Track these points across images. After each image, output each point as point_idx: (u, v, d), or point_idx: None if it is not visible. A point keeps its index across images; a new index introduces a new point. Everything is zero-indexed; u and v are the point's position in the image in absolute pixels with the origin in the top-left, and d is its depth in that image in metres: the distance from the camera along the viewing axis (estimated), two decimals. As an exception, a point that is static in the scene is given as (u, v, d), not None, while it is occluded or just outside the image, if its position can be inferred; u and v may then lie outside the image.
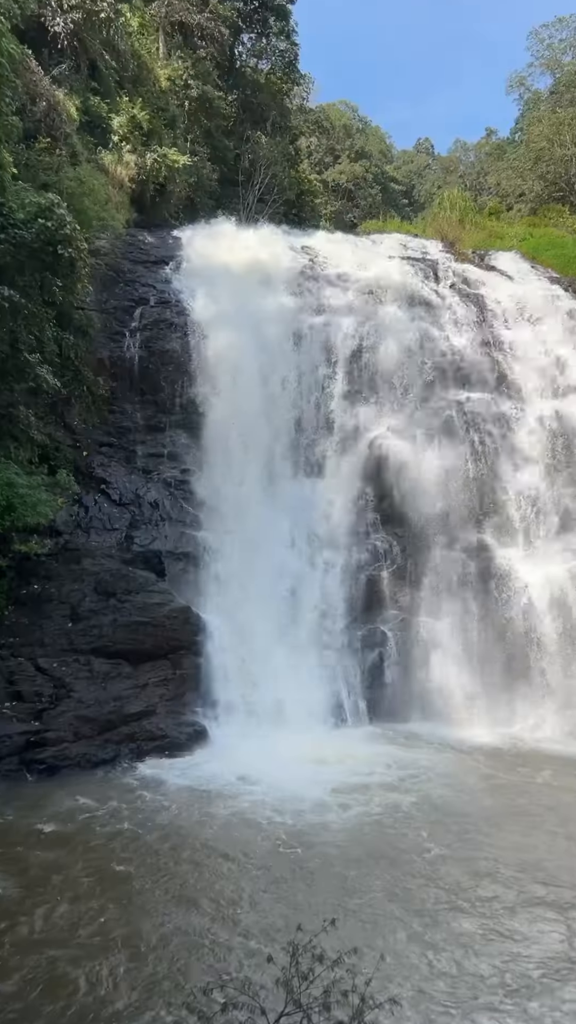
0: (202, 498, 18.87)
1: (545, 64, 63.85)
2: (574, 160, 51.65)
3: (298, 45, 39.70)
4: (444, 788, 13.54)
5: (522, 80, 65.72)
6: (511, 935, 8.98)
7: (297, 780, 13.44)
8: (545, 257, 28.06)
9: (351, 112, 70.34)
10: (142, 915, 9.21)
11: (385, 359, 21.42)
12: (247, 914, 9.26)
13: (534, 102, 64.44)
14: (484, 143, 76.76)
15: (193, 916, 9.20)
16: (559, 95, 60.64)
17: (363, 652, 18.19)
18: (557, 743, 16.38)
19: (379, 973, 6.39)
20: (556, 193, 51.67)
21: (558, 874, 10.49)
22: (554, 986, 8.00)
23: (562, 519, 19.83)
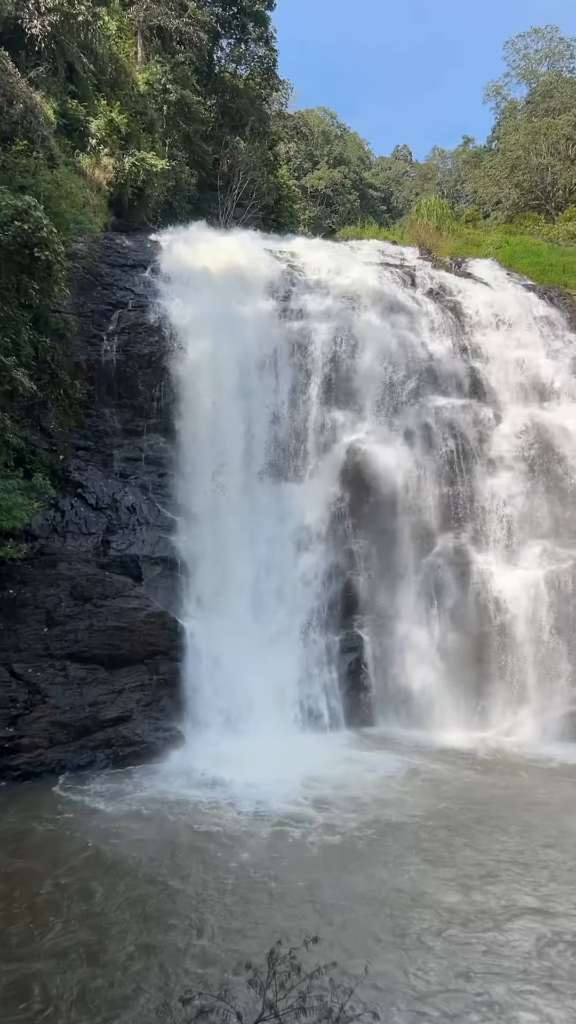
0: (180, 502, 18.82)
1: (521, 74, 64.64)
2: (549, 169, 52.29)
3: (277, 51, 39.83)
4: (420, 794, 13.59)
5: (498, 89, 66.46)
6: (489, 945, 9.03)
7: (273, 786, 13.45)
8: (521, 264, 28.36)
9: (330, 118, 70.70)
10: (109, 928, 9.10)
11: (363, 365, 21.50)
12: (221, 926, 9.19)
13: (510, 111, 65.19)
14: (461, 151, 77.50)
15: (165, 928, 9.12)
16: (535, 105, 61.40)
17: (340, 657, 18.24)
18: (531, 747, 16.52)
19: (360, 984, 6.41)
20: (532, 201, 52.28)
21: (519, 879, 10.57)
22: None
23: (538, 524, 20.01)
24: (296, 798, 13.01)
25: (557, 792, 13.91)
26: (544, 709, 17.53)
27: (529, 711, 17.63)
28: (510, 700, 17.89)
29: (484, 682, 18.14)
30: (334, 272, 23.78)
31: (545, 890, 10.24)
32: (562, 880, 10.49)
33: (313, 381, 21.15)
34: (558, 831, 12.10)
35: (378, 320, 22.49)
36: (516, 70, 64.93)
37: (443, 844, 11.60)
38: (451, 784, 14.16)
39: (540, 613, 18.45)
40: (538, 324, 23.87)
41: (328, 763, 14.85)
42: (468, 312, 23.87)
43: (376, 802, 13.05)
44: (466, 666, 18.27)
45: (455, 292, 24.73)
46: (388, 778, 14.25)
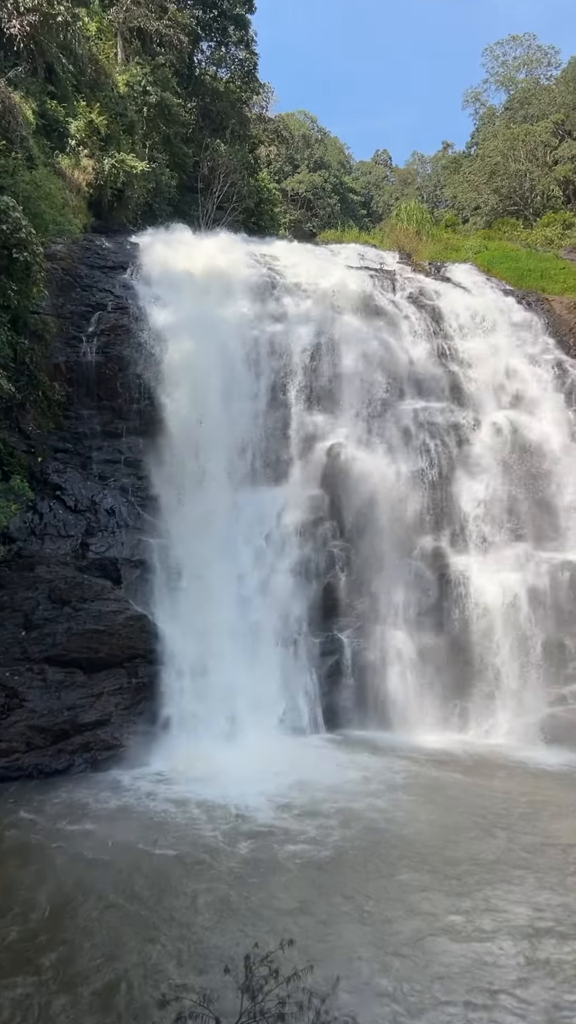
0: (159, 505, 18.75)
1: (499, 81, 65.35)
2: (527, 175, 52.77)
3: (257, 55, 39.89)
4: (400, 798, 13.60)
5: (477, 96, 67.13)
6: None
7: (252, 789, 13.42)
8: (499, 270, 28.59)
9: (310, 122, 70.92)
10: (85, 936, 9.00)
11: (343, 368, 21.57)
12: (197, 935, 9.12)
13: (489, 117, 65.82)
14: (441, 156, 78.10)
15: (143, 936, 9.05)
16: (513, 111, 62.03)
17: (320, 659, 18.24)
18: (509, 749, 16.61)
19: (337, 986, 6.41)
20: (511, 207, 52.74)
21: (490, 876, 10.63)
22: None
23: (516, 527, 20.17)
24: (275, 805, 12.96)
25: (536, 795, 13.99)
26: (521, 711, 17.65)
27: (507, 713, 17.74)
28: (488, 702, 17.99)
29: (463, 684, 18.23)
30: (315, 276, 23.84)
31: (522, 893, 10.30)
32: (546, 885, 10.54)
33: (293, 384, 21.18)
34: (542, 835, 12.15)
35: (358, 324, 22.58)
36: (495, 77, 65.67)
37: (424, 848, 11.61)
38: (430, 787, 14.18)
39: (517, 615, 18.58)
40: (516, 329, 24.07)
41: (308, 767, 14.83)
42: (447, 316, 24.02)
43: (355, 806, 13.03)
44: (445, 668, 18.36)
45: (434, 296, 24.88)
46: (367, 781, 14.26)
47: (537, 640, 18.38)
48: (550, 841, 11.95)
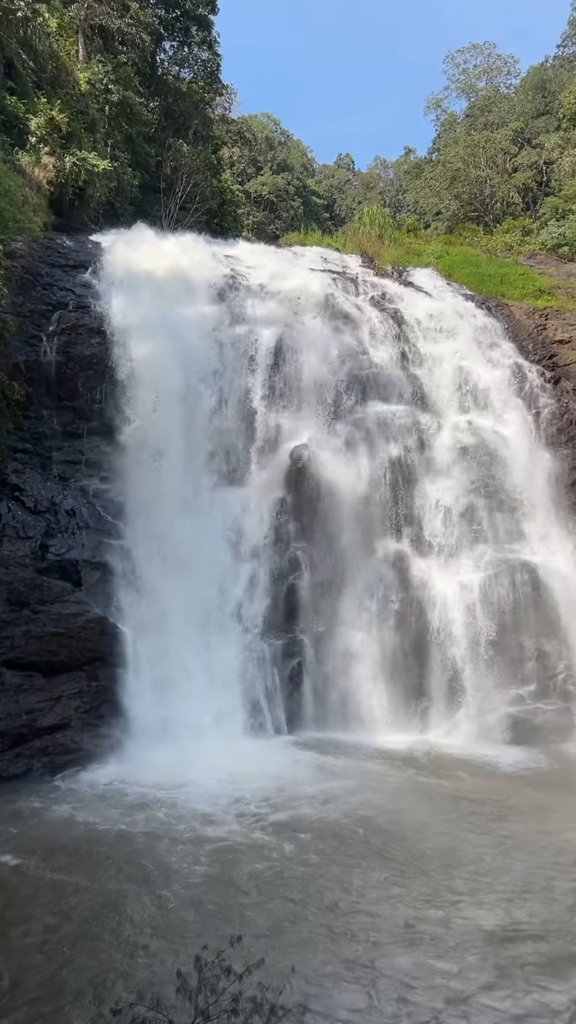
0: (121, 506, 18.59)
1: (460, 88, 66.24)
2: (488, 182, 53.50)
3: (220, 56, 39.86)
4: (362, 799, 13.61)
5: (439, 102, 68.00)
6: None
7: (209, 793, 13.34)
8: (460, 274, 28.93)
9: (273, 124, 71.06)
10: (32, 949, 8.83)
11: (306, 370, 21.63)
12: (152, 940, 9.01)
13: (450, 124, 66.65)
14: (403, 161, 78.87)
15: (95, 942, 8.93)
16: (474, 118, 62.92)
17: (282, 661, 18.24)
18: (468, 748, 16.78)
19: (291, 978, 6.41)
20: (471, 213, 53.44)
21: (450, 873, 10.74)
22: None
23: (476, 529, 20.40)
24: (233, 809, 12.87)
25: (496, 793, 14.14)
26: (481, 711, 17.84)
27: (466, 713, 17.92)
28: (449, 702, 18.16)
29: (424, 685, 18.38)
30: (278, 278, 23.88)
31: (485, 891, 10.40)
32: (506, 882, 10.66)
33: (256, 385, 21.17)
34: (502, 834, 12.28)
35: (321, 326, 22.66)
36: (456, 84, 66.57)
37: (385, 847, 11.67)
38: (390, 787, 14.25)
39: (477, 617, 18.79)
40: (477, 333, 24.36)
41: (268, 769, 14.79)
42: (409, 320, 24.22)
43: (315, 808, 13.00)
44: (406, 669, 18.48)
45: (397, 300, 25.08)
46: (328, 783, 14.26)
47: (496, 640, 18.59)
48: (511, 839, 12.09)
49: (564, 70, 57.03)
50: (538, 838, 12.12)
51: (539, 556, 19.90)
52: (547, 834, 12.25)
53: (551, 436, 21.98)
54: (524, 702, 18.03)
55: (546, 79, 60.64)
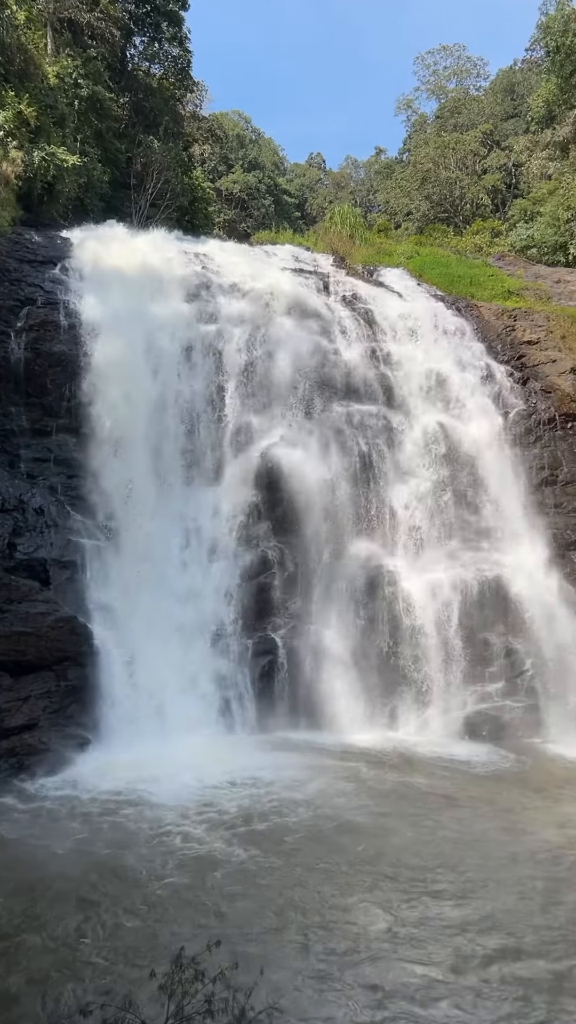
0: (90, 505, 18.47)
1: (431, 89, 66.66)
2: (458, 183, 53.90)
3: (191, 52, 39.64)
4: (328, 797, 13.64)
5: (409, 103, 68.36)
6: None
7: (181, 795, 13.28)
8: (431, 275, 29.11)
9: (244, 122, 70.91)
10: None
11: (277, 369, 21.63)
12: (125, 946, 8.96)
13: (420, 125, 67.06)
14: (374, 161, 79.16)
15: (62, 946, 8.85)
16: (444, 120, 63.35)
17: (253, 660, 18.24)
18: (436, 746, 16.91)
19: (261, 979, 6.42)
20: (441, 214, 53.82)
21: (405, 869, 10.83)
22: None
23: (445, 528, 20.57)
24: (201, 810, 12.83)
25: (463, 790, 14.28)
26: (449, 709, 18.01)
27: (435, 711, 18.07)
28: (418, 700, 18.30)
29: (393, 683, 18.49)
30: (249, 276, 23.83)
31: (452, 887, 10.51)
32: (472, 879, 10.77)
33: (228, 384, 21.13)
34: (468, 830, 12.39)
35: (292, 325, 22.67)
36: (426, 85, 66.97)
37: (355, 846, 11.73)
38: (360, 786, 14.25)
39: (445, 615, 18.95)
40: (447, 334, 24.55)
41: (238, 768, 14.78)
42: (380, 320, 24.33)
43: (285, 807, 13.02)
44: (376, 668, 18.58)
45: (368, 300, 25.17)
46: (298, 782, 14.27)
47: (464, 639, 18.77)
48: (480, 837, 12.22)
49: (532, 73, 57.59)
50: (508, 836, 12.26)
51: (507, 555, 20.12)
52: (516, 831, 12.40)
53: (519, 436, 22.23)
54: (492, 699, 18.23)
55: (515, 82, 61.26)
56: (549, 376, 23.64)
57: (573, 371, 23.84)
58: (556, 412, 22.58)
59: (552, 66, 45.47)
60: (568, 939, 9.11)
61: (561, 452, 22.14)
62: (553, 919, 9.57)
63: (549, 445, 22.24)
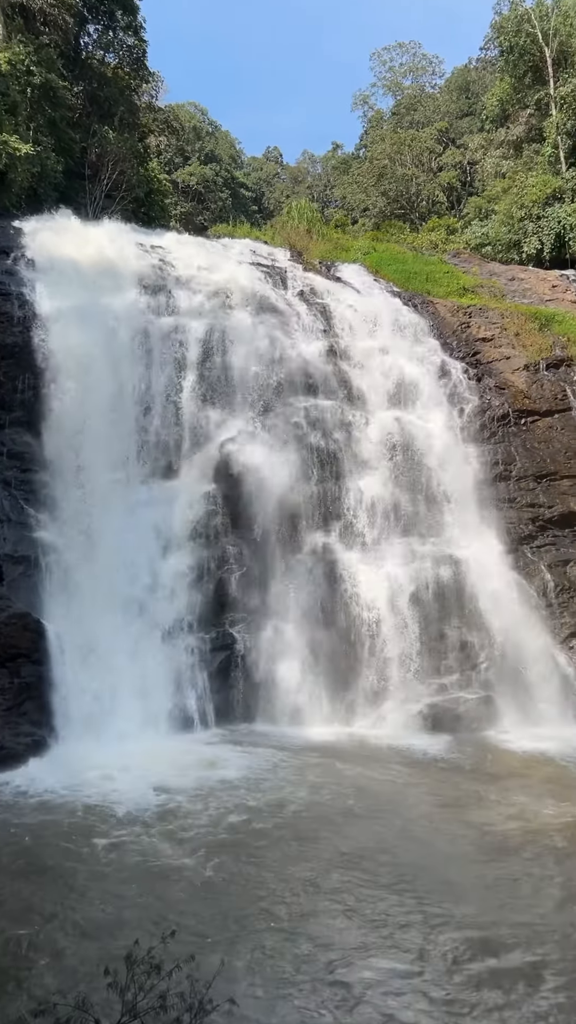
0: (45, 499, 18.20)
1: (387, 85, 66.97)
2: (414, 180, 54.29)
3: (146, 42, 39.10)
4: (283, 791, 13.70)
5: (366, 99, 68.62)
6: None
7: (137, 792, 13.19)
8: (387, 271, 29.25)
9: (200, 115, 70.35)
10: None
11: (235, 363, 21.55)
12: (74, 947, 8.86)
13: (377, 121, 67.35)
14: (331, 156, 79.28)
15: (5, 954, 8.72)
16: (400, 116, 63.73)
17: (211, 655, 18.21)
18: (393, 739, 17.08)
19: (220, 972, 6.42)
20: (398, 210, 54.17)
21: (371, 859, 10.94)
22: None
23: (402, 523, 20.74)
24: (160, 810, 12.73)
25: (418, 783, 14.44)
26: (405, 702, 18.20)
27: (392, 704, 18.24)
28: (375, 693, 18.45)
29: (351, 677, 18.61)
30: (206, 269, 23.68)
31: (406, 880, 10.64)
32: (425, 866, 10.91)
33: (185, 378, 21.00)
34: (423, 826, 12.52)
35: (250, 320, 22.60)
36: (382, 81, 67.27)
37: (309, 839, 11.79)
38: (316, 781, 14.28)
39: (402, 608, 19.14)
40: (403, 330, 24.70)
41: (195, 764, 14.76)
42: (337, 315, 24.38)
43: (243, 807, 12.97)
44: (334, 662, 18.68)
45: (325, 295, 25.21)
46: (255, 775, 14.30)
47: (420, 632, 18.98)
48: (433, 829, 12.39)
49: (487, 72, 58.24)
50: (460, 826, 12.46)
51: (462, 549, 20.37)
52: (472, 824, 12.59)
53: (474, 432, 22.51)
54: (448, 692, 18.48)
55: (469, 80, 61.85)
56: (503, 373, 23.97)
57: (526, 368, 24.21)
58: (510, 408, 22.91)
59: (506, 66, 46.07)
60: (534, 928, 9.27)
61: (514, 448, 22.48)
62: (514, 910, 9.71)
63: (503, 441, 22.56)
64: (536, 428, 23.06)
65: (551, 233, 37.35)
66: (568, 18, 42.67)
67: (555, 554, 21.12)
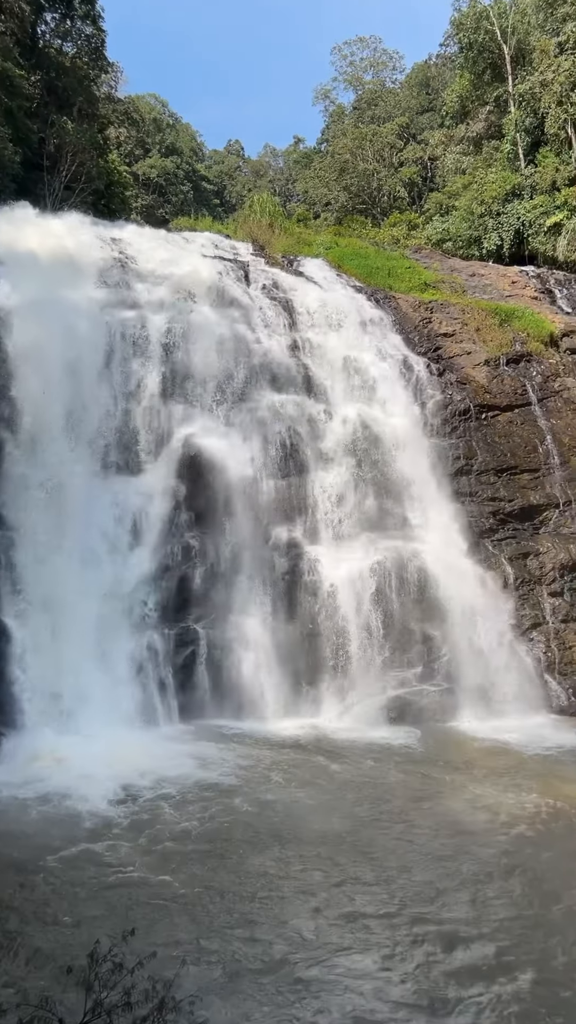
0: (4, 496, 17.92)
1: (348, 80, 67.01)
2: (375, 175, 54.46)
3: (105, 31, 38.60)
4: (246, 786, 13.72)
5: (327, 93, 68.63)
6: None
7: (97, 790, 13.08)
8: (350, 266, 29.32)
9: (161, 106, 69.76)
10: None
11: (198, 358, 21.43)
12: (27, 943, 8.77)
13: (338, 115, 67.40)
14: (292, 150, 79.19)
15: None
16: (361, 111, 63.88)
17: (175, 651, 18.13)
18: (358, 731, 17.19)
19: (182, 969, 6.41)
20: (360, 205, 54.30)
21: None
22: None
23: (365, 517, 20.84)
24: (116, 800, 12.69)
25: (380, 775, 14.56)
26: (370, 694, 18.32)
27: (356, 697, 18.34)
28: (339, 687, 18.54)
29: (315, 670, 18.68)
30: (168, 263, 23.51)
31: (369, 871, 10.72)
32: (385, 862, 11.00)
33: (148, 372, 20.83)
34: (384, 816, 12.64)
35: (213, 314, 22.49)
36: (343, 76, 67.32)
37: (270, 831, 11.82)
38: (281, 775, 14.35)
39: (365, 602, 19.24)
40: (366, 325, 24.79)
41: (157, 760, 14.66)
42: (300, 310, 24.39)
43: (204, 802, 12.95)
44: (298, 656, 18.74)
45: (288, 290, 25.19)
46: (218, 775, 14.23)
47: (384, 625, 19.10)
48: (394, 816, 12.51)
49: (447, 69, 58.61)
50: (421, 814, 12.61)
51: (425, 543, 20.54)
52: (433, 813, 12.74)
53: (436, 427, 22.70)
54: (411, 684, 18.64)
55: (429, 76, 62.20)
56: (464, 368, 24.20)
57: (487, 363, 24.48)
58: (471, 403, 23.15)
59: (465, 62, 46.42)
60: (495, 918, 9.39)
61: (476, 442, 22.72)
62: (477, 903, 9.82)
63: (464, 435, 22.79)
64: (497, 423, 23.34)
65: (511, 229, 37.78)
66: (525, 16, 43.14)
67: (515, 547, 21.42)
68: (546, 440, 23.34)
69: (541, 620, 20.32)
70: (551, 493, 22.48)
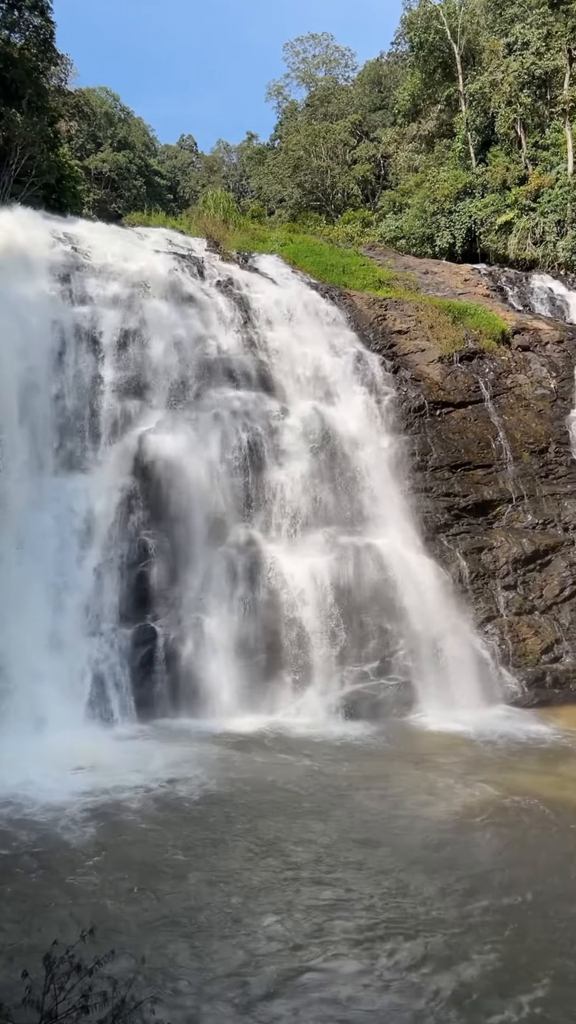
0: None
1: (301, 77, 67.12)
2: (329, 172, 54.61)
3: (54, 23, 37.92)
4: (202, 783, 13.64)
5: (280, 89, 68.62)
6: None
7: (49, 790, 12.91)
8: (304, 263, 29.39)
9: (113, 100, 68.95)
10: None
11: (153, 354, 21.30)
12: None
13: (291, 112, 67.41)
14: (246, 146, 78.97)
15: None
16: (314, 108, 63.97)
17: (133, 650, 17.98)
18: (315, 726, 17.23)
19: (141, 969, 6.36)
20: (314, 202, 54.44)
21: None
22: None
23: (322, 513, 20.92)
24: (70, 799, 12.55)
25: (338, 769, 14.62)
26: (328, 690, 18.41)
27: (314, 692, 18.40)
28: (297, 682, 18.58)
29: (273, 667, 18.69)
30: (121, 258, 23.29)
31: (330, 865, 10.79)
32: (342, 856, 11.08)
33: (102, 369, 20.64)
34: (341, 809, 12.72)
35: (168, 310, 22.36)
36: (296, 72, 67.40)
37: (227, 830, 11.81)
38: (237, 772, 14.29)
39: (323, 598, 19.32)
40: (321, 322, 24.88)
41: (112, 759, 14.49)
42: (255, 307, 24.36)
43: (156, 795, 12.93)
44: (257, 652, 18.72)
45: (243, 286, 25.14)
46: (174, 773, 14.08)
47: (341, 621, 19.20)
48: (353, 809, 12.60)
49: (398, 67, 59.00)
50: (378, 804, 12.74)
51: (381, 538, 20.70)
52: (395, 805, 12.86)
53: (392, 423, 22.89)
54: (368, 679, 18.78)
55: (382, 74, 62.57)
56: (418, 365, 24.44)
57: (441, 360, 24.75)
58: (425, 400, 23.39)
59: (416, 61, 46.80)
60: (457, 911, 9.50)
61: (430, 438, 22.97)
62: (442, 895, 9.93)
63: (419, 432, 23.02)
64: (451, 419, 23.62)
65: (463, 227, 38.23)
66: (475, 16, 43.66)
67: (470, 542, 21.71)
68: (499, 436, 23.70)
69: (495, 613, 20.64)
70: (504, 488, 22.84)
